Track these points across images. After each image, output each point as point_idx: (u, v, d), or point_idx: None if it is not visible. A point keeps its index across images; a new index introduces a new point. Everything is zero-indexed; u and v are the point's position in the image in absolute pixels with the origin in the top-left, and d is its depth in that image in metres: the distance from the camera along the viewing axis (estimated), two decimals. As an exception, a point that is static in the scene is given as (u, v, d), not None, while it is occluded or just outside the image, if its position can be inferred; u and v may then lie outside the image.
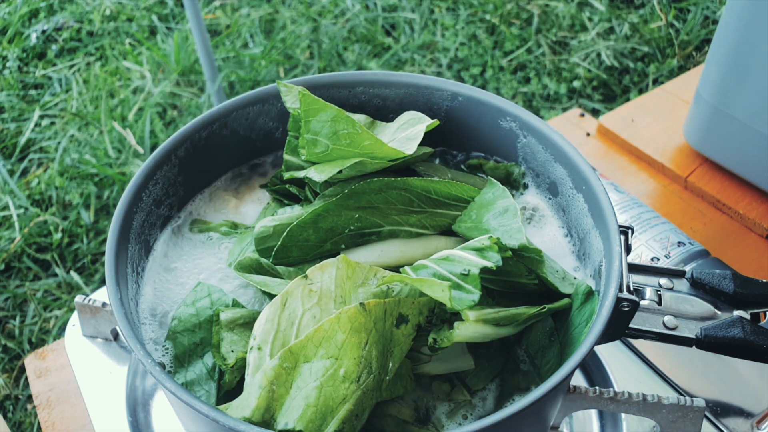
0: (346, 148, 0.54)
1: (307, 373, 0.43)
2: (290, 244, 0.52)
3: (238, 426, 0.40)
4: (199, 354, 0.50)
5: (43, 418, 0.69)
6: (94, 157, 1.64)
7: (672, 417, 0.54)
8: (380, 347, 0.45)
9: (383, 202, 0.53)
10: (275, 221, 0.54)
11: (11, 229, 1.53)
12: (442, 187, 0.54)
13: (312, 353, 0.43)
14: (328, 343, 0.43)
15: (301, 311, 0.45)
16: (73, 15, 2.14)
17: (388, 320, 0.45)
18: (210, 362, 0.49)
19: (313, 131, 0.54)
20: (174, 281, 0.56)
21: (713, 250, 0.77)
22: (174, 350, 0.50)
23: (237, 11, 2.10)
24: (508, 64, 1.89)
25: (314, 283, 0.46)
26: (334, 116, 0.53)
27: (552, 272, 0.51)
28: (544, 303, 0.50)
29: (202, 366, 0.49)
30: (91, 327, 0.71)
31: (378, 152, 0.54)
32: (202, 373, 0.49)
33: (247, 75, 1.86)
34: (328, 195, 0.55)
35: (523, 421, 0.44)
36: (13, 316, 1.40)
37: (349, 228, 0.53)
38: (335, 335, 0.43)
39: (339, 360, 0.43)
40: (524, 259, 0.49)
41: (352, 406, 0.43)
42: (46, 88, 1.92)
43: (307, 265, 0.53)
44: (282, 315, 0.45)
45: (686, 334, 0.54)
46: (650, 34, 1.90)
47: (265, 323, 0.45)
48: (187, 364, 0.50)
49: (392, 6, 2.08)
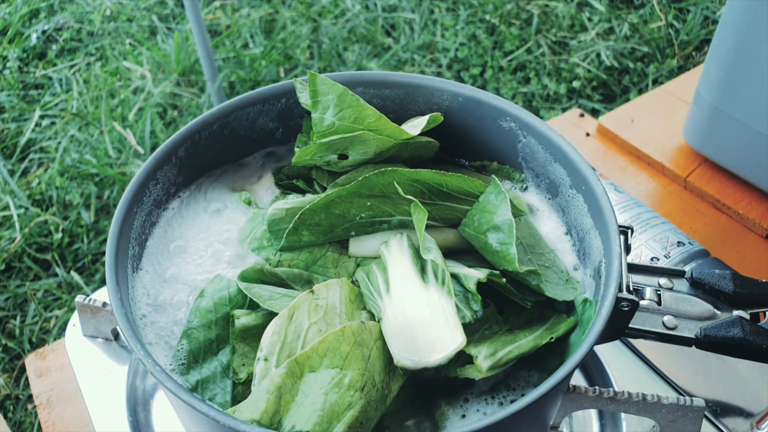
0: (351, 124, 0.55)
1: (312, 381, 0.44)
2: (301, 227, 0.53)
3: (238, 426, 0.40)
4: (214, 351, 0.50)
5: (44, 418, 0.69)
6: (94, 157, 1.64)
7: (672, 417, 0.54)
8: (382, 363, 0.46)
9: (394, 193, 0.54)
10: (288, 204, 0.55)
11: (12, 229, 1.53)
12: (454, 180, 0.55)
13: (317, 363, 0.44)
14: (333, 354, 0.45)
15: (307, 324, 0.47)
16: (74, 15, 2.14)
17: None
18: (225, 360, 0.50)
19: (322, 108, 0.55)
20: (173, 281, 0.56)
21: (713, 250, 0.77)
22: (189, 346, 0.50)
23: (237, 11, 2.10)
24: (507, 65, 1.89)
25: (320, 299, 0.48)
26: (341, 93, 0.55)
27: (553, 280, 0.51)
28: (551, 308, 0.51)
29: (216, 363, 0.50)
30: (91, 327, 0.71)
31: (382, 128, 0.56)
32: (216, 371, 0.49)
33: (247, 75, 1.86)
34: (340, 183, 0.56)
35: (523, 421, 0.44)
36: (14, 316, 1.40)
37: (360, 215, 0.54)
38: (340, 346, 0.45)
39: (344, 370, 0.44)
40: (519, 280, 0.51)
41: (357, 413, 0.44)
42: (47, 88, 1.92)
43: (316, 250, 0.54)
44: (289, 327, 0.47)
45: (686, 334, 0.54)
46: (650, 34, 1.90)
47: (272, 335, 0.46)
48: (202, 361, 0.50)
49: (392, 6, 2.08)
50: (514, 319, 0.51)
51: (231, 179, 0.64)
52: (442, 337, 0.45)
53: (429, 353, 0.45)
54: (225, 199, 0.61)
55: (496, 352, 0.47)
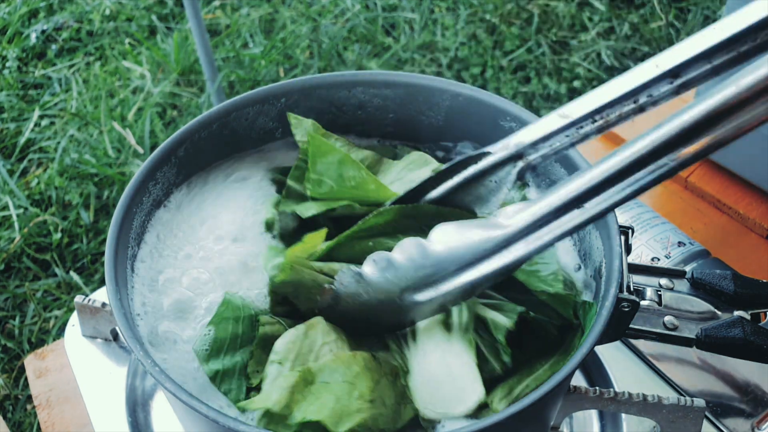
0: (352, 190, 0.55)
1: (323, 388, 0.45)
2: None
3: (237, 426, 0.40)
4: (237, 347, 0.50)
5: (43, 419, 0.69)
6: (93, 157, 1.64)
7: (672, 417, 0.54)
8: (392, 393, 0.47)
9: (395, 231, 0.53)
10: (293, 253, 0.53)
11: (11, 229, 1.53)
12: (455, 216, 0.53)
13: (329, 377, 0.46)
14: (345, 370, 0.46)
15: (320, 342, 0.48)
16: (73, 15, 2.14)
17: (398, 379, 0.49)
18: (244, 359, 0.50)
19: (319, 171, 0.56)
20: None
21: (713, 250, 0.77)
22: (215, 334, 0.50)
23: (237, 11, 2.10)
24: (508, 64, 1.89)
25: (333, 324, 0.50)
26: (340, 159, 0.55)
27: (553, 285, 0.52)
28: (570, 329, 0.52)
29: (237, 360, 0.50)
30: (90, 327, 0.71)
31: (381, 196, 0.55)
32: (237, 366, 0.49)
33: (246, 75, 1.86)
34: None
35: (524, 422, 0.44)
36: (13, 316, 1.40)
37: (364, 256, 0.51)
38: (351, 366, 0.46)
39: (354, 384, 0.45)
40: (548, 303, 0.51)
41: (367, 416, 0.44)
42: (46, 88, 1.92)
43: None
44: (304, 341, 0.48)
45: (686, 335, 0.54)
46: (650, 34, 1.90)
47: (288, 343, 0.48)
48: (224, 353, 0.50)
49: (392, 6, 2.08)
50: (534, 344, 0.51)
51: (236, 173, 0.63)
52: (464, 389, 0.47)
53: (453, 406, 0.47)
54: (228, 199, 0.61)
55: (512, 390, 0.47)
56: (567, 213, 0.42)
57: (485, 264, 0.44)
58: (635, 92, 0.44)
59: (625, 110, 0.46)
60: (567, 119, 0.47)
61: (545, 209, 0.42)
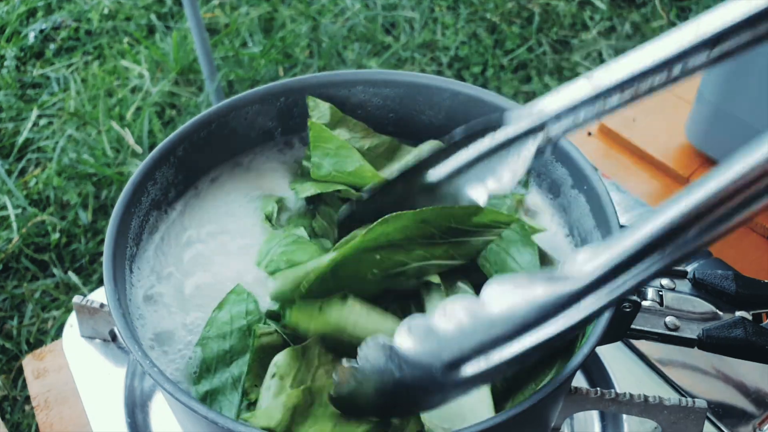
0: (348, 175, 0.57)
1: (322, 412, 0.45)
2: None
3: (237, 427, 0.40)
4: (227, 362, 0.50)
5: (41, 420, 0.69)
6: (92, 156, 1.64)
7: (674, 418, 0.54)
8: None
9: (404, 238, 0.50)
10: (290, 275, 0.51)
11: (9, 230, 1.52)
12: (461, 213, 0.51)
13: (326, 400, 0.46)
14: None
15: (316, 363, 0.48)
16: (71, 14, 2.13)
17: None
18: (236, 372, 0.49)
19: (319, 156, 0.57)
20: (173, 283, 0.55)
21: (715, 251, 0.77)
22: (202, 354, 0.50)
23: (236, 10, 2.09)
24: (509, 63, 1.89)
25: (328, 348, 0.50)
26: (339, 146, 0.57)
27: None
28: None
29: (228, 375, 0.49)
30: (89, 328, 0.71)
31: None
32: (227, 382, 0.49)
33: (246, 74, 1.86)
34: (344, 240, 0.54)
35: (525, 423, 0.44)
36: (11, 317, 1.40)
37: (371, 272, 0.50)
38: None
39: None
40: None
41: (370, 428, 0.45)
42: (44, 88, 1.91)
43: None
44: (302, 361, 0.48)
45: (688, 335, 0.53)
46: (652, 33, 1.90)
47: (288, 359, 0.48)
48: (214, 372, 0.49)
49: (392, 4, 2.08)
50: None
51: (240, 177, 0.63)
52: (473, 410, 0.46)
53: (460, 422, 0.46)
54: (230, 200, 0.61)
55: (515, 400, 0.47)
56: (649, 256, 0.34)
57: (550, 325, 0.36)
58: (670, 62, 0.40)
59: (657, 82, 0.41)
60: (595, 87, 0.42)
61: (623, 255, 0.34)
